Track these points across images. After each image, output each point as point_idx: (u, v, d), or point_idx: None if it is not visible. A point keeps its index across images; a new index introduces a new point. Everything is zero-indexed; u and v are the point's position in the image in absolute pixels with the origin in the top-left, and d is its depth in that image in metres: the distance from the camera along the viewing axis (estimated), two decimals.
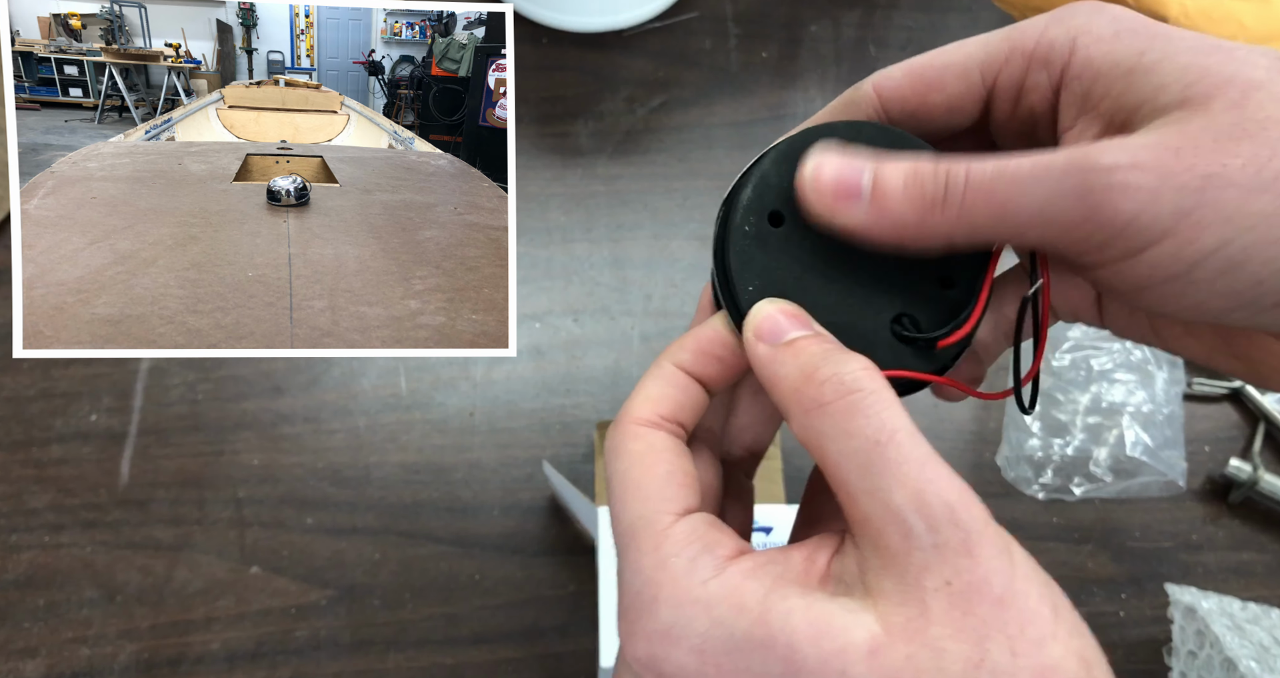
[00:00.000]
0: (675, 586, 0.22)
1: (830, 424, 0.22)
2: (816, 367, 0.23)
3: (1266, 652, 0.45)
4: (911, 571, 0.21)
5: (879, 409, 0.22)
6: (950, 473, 0.21)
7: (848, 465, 0.22)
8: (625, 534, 0.24)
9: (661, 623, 0.22)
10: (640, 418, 0.25)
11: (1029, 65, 0.25)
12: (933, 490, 0.21)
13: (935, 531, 0.21)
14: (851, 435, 0.22)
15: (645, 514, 0.23)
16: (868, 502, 0.21)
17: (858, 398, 0.22)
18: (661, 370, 0.26)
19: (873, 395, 0.22)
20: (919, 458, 0.21)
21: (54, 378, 0.54)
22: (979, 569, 0.21)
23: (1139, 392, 0.54)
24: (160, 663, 0.50)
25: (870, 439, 0.21)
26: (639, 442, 0.25)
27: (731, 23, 0.64)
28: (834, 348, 0.24)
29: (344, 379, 0.55)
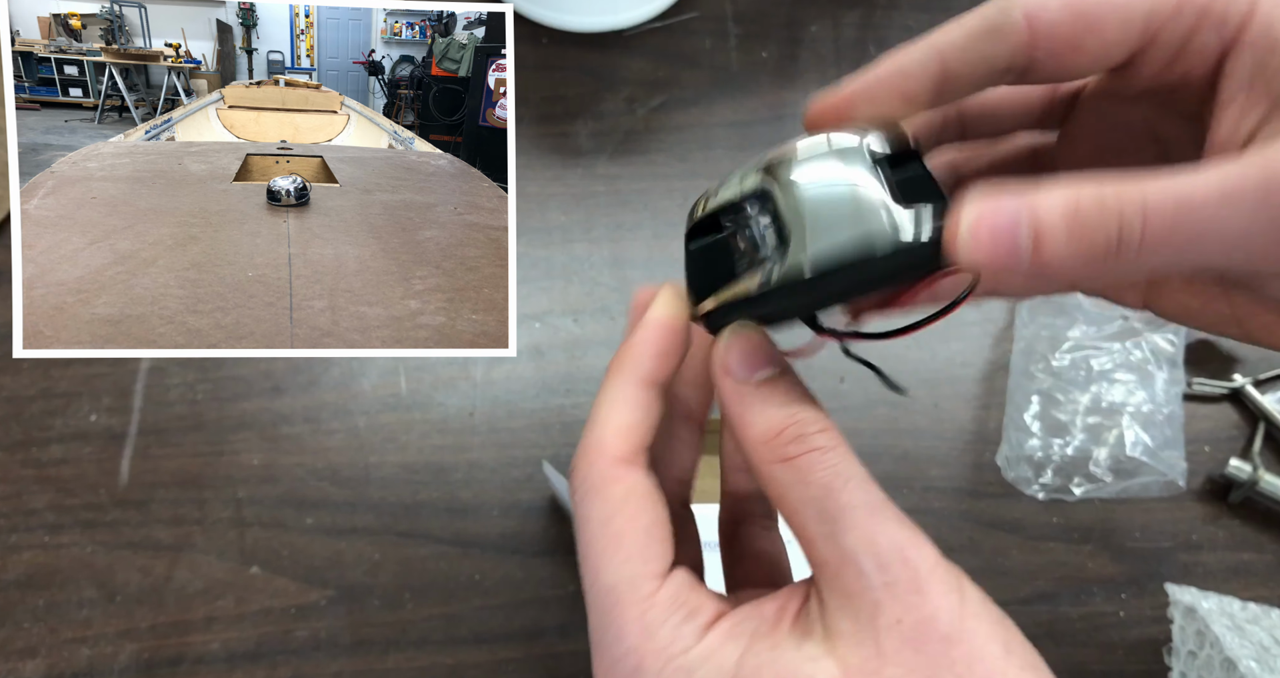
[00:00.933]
0: (659, 655, 0.23)
1: (792, 475, 0.23)
2: (783, 424, 0.23)
3: (1266, 652, 0.45)
4: (865, 610, 0.21)
5: (834, 461, 0.23)
6: (900, 517, 0.22)
7: (806, 512, 0.23)
8: (606, 595, 0.24)
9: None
10: (618, 456, 0.25)
11: (1199, 23, 0.22)
12: (882, 532, 0.22)
13: (885, 570, 0.21)
14: (809, 485, 0.23)
15: (630, 577, 0.24)
16: (824, 546, 0.22)
17: (817, 455, 0.23)
18: (626, 392, 0.25)
19: (831, 452, 0.23)
20: (870, 504, 0.22)
21: (54, 378, 0.54)
22: (927, 606, 0.21)
23: (1139, 392, 0.54)
24: (160, 663, 0.50)
25: (825, 488, 0.22)
26: (618, 486, 0.24)
27: (731, 23, 0.64)
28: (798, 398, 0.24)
29: (344, 379, 0.55)
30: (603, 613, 0.24)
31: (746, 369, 0.24)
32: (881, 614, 0.21)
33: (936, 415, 0.56)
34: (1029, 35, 0.23)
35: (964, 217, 0.21)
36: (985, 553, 0.54)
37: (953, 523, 0.54)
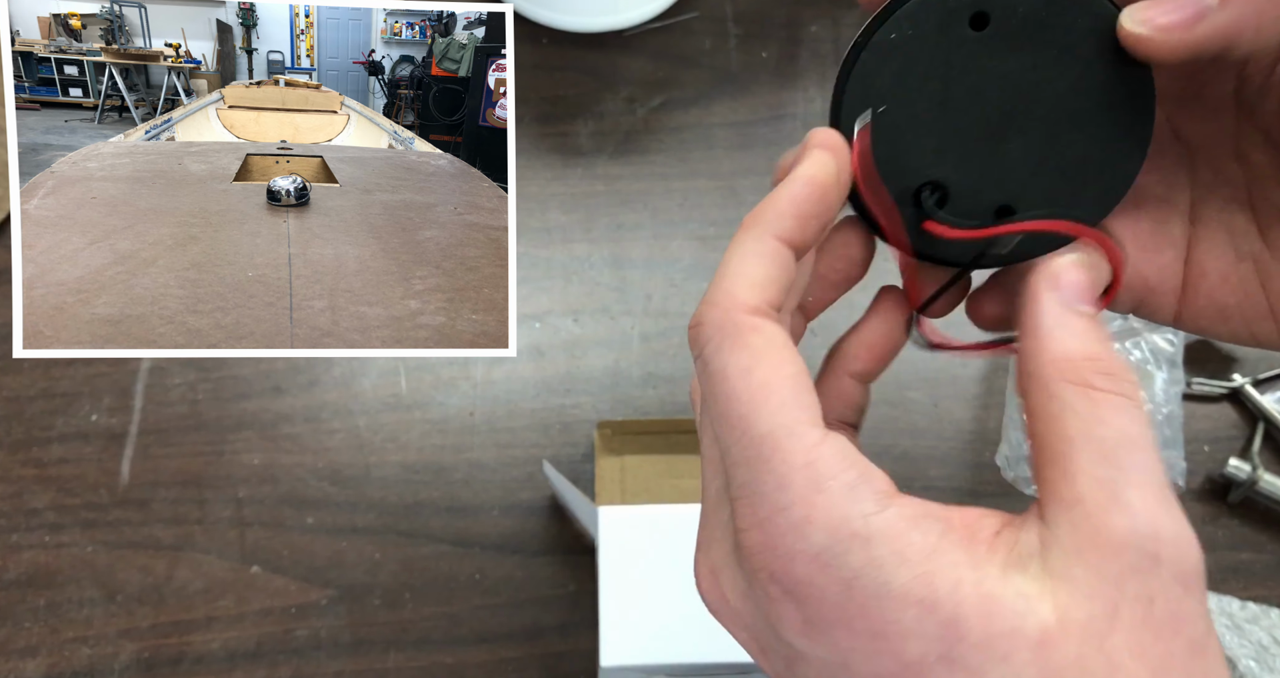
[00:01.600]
0: (832, 511, 0.20)
1: (1088, 406, 0.21)
2: (1102, 353, 0.22)
3: (1265, 651, 0.45)
4: (1115, 567, 0.19)
5: (1138, 418, 0.21)
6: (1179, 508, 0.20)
7: (1085, 446, 0.21)
8: (760, 444, 0.21)
9: (813, 546, 0.20)
10: (750, 305, 0.22)
11: None
12: (1170, 516, 0.20)
13: (1159, 542, 0.19)
14: (1106, 424, 0.21)
15: (786, 424, 0.21)
16: (1093, 486, 0.20)
17: (1125, 400, 0.21)
18: (762, 245, 0.23)
19: (1139, 409, 0.21)
20: (1162, 482, 0.20)
21: (54, 378, 0.54)
22: (1189, 604, 0.19)
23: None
24: (160, 663, 0.50)
25: (1127, 437, 0.20)
26: (757, 335, 0.22)
27: (731, 23, 0.64)
28: (1111, 344, 0.22)
29: (344, 379, 0.55)
30: (759, 463, 0.21)
31: (1076, 296, 0.22)
32: (1133, 583, 0.19)
33: (936, 415, 0.56)
34: None
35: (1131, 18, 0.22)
36: None
37: None
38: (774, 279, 0.23)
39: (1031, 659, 0.19)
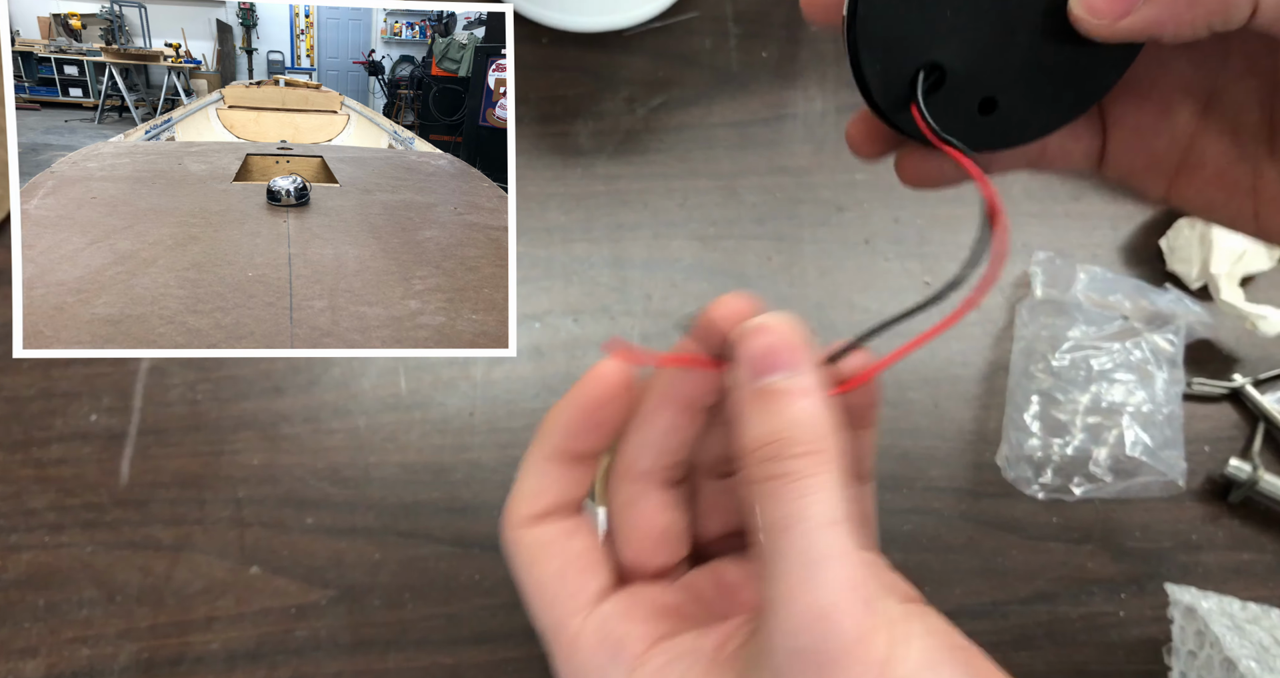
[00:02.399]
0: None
1: (757, 498, 0.21)
2: (765, 435, 0.22)
3: (1266, 652, 0.45)
4: (769, 672, 0.20)
5: (796, 498, 0.21)
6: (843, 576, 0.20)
7: (757, 542, 0.21)
8: (544, 637, 0.25)
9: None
10: (523, 518, 0.25)
11: None
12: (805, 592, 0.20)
13: (794, 636, 0.20)
14: (764, 515, 0.21)
15: (552, 623, 0.24)
16: (767, 583, 0.21)
17: (780, 484, 0.21)
18: (533, 462, 0.25)
19: (798, 484, 0.21)
20: (809, 557, 0.20)
21: (54, 378, 0.54)
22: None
23: (1139, 392, 0.54)
24: (160, 663, 0.50)
25: (775, 524, 0.21)
26: (520, 545, 0.25)
27: (731, 23, 0.64)
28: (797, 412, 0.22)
29: (344, 379, 0.55)
30: (549, 648, 0.25)
31: (756, 370, 0.22)
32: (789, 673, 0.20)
33: (936, 415, 0.56)
34: None
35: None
36: (985, 553, 0.54)
37: (953, 523, 0.54)
38: (545, 489, 0.25)
39: None
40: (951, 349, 0.58)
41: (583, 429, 0.25)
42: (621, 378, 0.25)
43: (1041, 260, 0.57)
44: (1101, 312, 0.55)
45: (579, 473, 0.25)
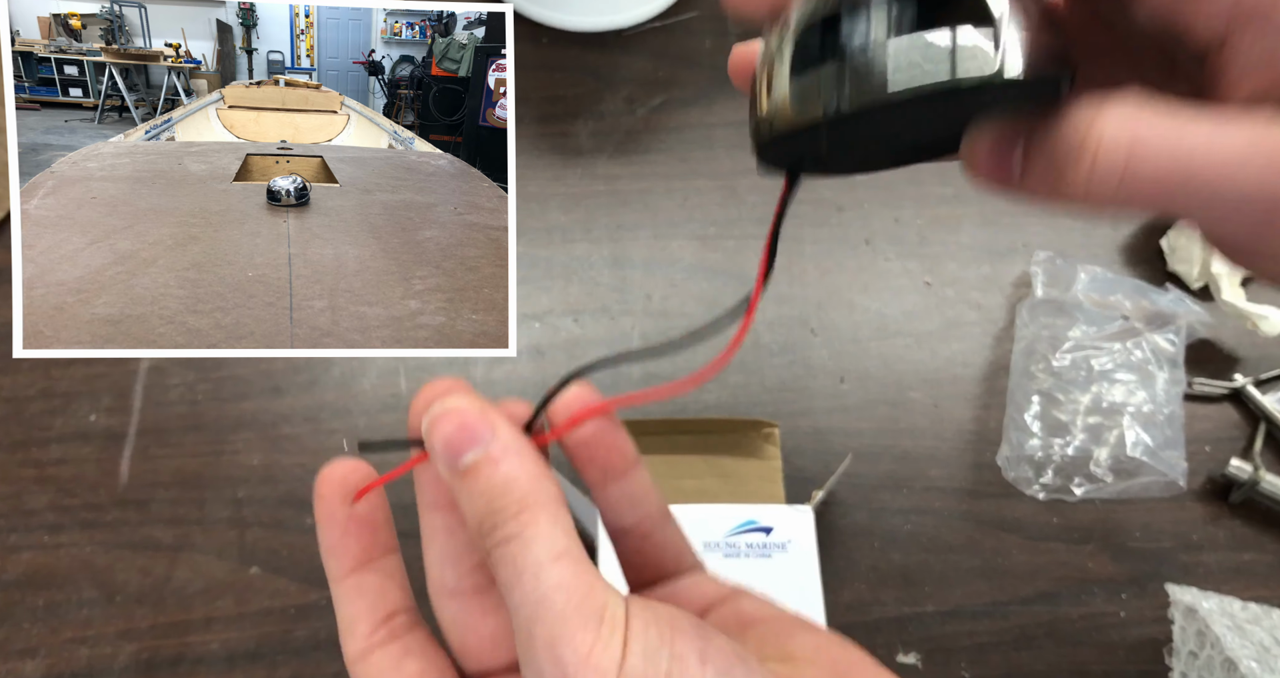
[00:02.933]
0: None
1: (493, 569, 0.22)
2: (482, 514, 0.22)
3: (1267, 652, 0.45)
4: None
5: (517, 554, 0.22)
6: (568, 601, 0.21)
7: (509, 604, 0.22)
8: None
9: None
10: (352, 656, 0.25)
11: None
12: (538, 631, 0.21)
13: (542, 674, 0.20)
14: (500, 581, 0.22)
15: None
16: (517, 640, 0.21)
17: (504, 548, 0.22)
18: (335, 594, 0.26)
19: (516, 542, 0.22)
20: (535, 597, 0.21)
21: (54, 378, 0.54)
22: None
23: (1139, 392, 0.54)
24: (160, 663, 0.50)
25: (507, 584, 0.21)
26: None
27: (731, 23, 0.64)
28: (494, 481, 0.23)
29: (344, 379, 0.55)
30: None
31: (450, 458, 0.23)
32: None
33: (936, 415, 0.56)
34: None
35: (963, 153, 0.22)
36: (985, 553, 0.54)
37: (953, 523, 0.54)
38: (358, 613, 0.26)
39: None
40: (952, 349, 0.58)
41: (344, 547, 0.26)
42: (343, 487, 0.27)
43: (1042, 260, 0.57)
44: (1102, 312, 0.55)
45: (379, 579, 0.26)
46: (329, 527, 0.26)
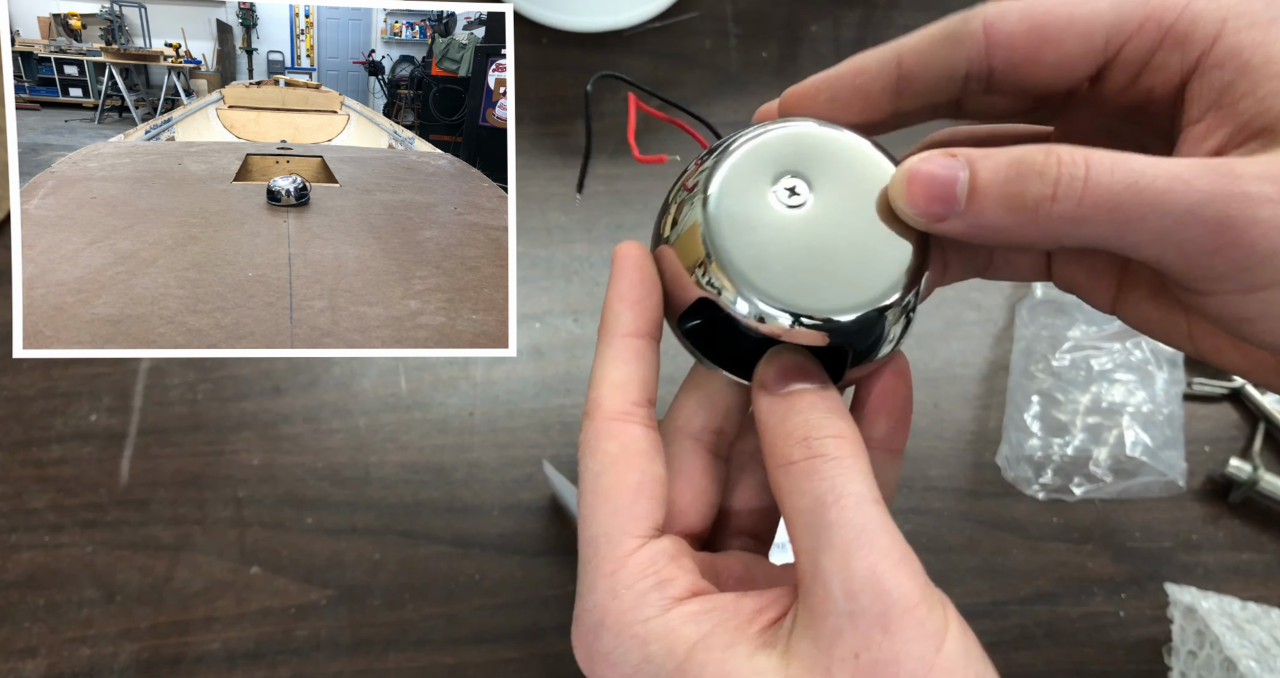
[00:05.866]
0: (621, 617, 0.22)
1: (791, 482, 0.22)
2: (795, 427, 0.23)
3: (1266, 652, 0.45)
4: (825, 636, 0.20)
5: (834, 474, 0.22)
6: (894, 545, 0.21)
7: (797, 522, 0.22)
8: (589, 545, 0.24)
9: (604, 646, 0.23)
10: (613, 412, 0.25)
11: (1163, 41, 0.22)
12: (862, 557, 0.20)
13: (853, 597, 0.20)
14: (804, 494, 0.22)
15: (610, 533, 0.23)
16: (805, 560, 0.21)
17: (819, 462, 0.22)
18: (613, 348, 0.25)
19: (834, 462, 0.22)
20: (859, 524, 0.21)
21: (54, 378, 0.54)
22: (891, 647, 0.20)
23: (1139, 392, 0.54)
24: (160, 663, 0.50)
25: (818, 500, 0.21)
26: (613, 441, 0.24)
27: (731, 23, 0.64)
28: (822, 408, 0.23)
29: (344, 379, 0.55)
30: (583, 564, 0.24)
31: (780, 383, 0.24)
32: (840, 644, 0.20)
33: (936, 416, 0.56)
34: (985, 44, 0.23)
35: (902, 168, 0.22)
36: (985, 553, 0.54)
37: (953, 523, 0.54)
38: (630, 377, 0.25)
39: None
40: (952, 349, 0.58)
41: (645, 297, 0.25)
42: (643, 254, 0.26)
43: None
44: (1102, 312, 0.55)
45: (650, 360, 0.25)
46: (627, 271, 0.25)
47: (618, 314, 0.25)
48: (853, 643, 0.20)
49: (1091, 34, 0.22)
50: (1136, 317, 0.27)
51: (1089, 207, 0.20)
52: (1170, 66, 0.22)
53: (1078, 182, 0.20)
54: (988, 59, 0.23)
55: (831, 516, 0.21)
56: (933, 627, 0.20)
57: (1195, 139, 0.22)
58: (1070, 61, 0.23)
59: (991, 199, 0.21)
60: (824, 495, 0.21)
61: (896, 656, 0.20)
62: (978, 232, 0.22)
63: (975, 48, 0.23)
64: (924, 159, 0.22)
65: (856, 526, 0.21)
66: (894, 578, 0.20)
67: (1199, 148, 0.22)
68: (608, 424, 0.25)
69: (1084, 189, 0.20)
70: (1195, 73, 0.22)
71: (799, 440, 0.22)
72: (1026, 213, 0.21)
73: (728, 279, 0.23)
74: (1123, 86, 0.23)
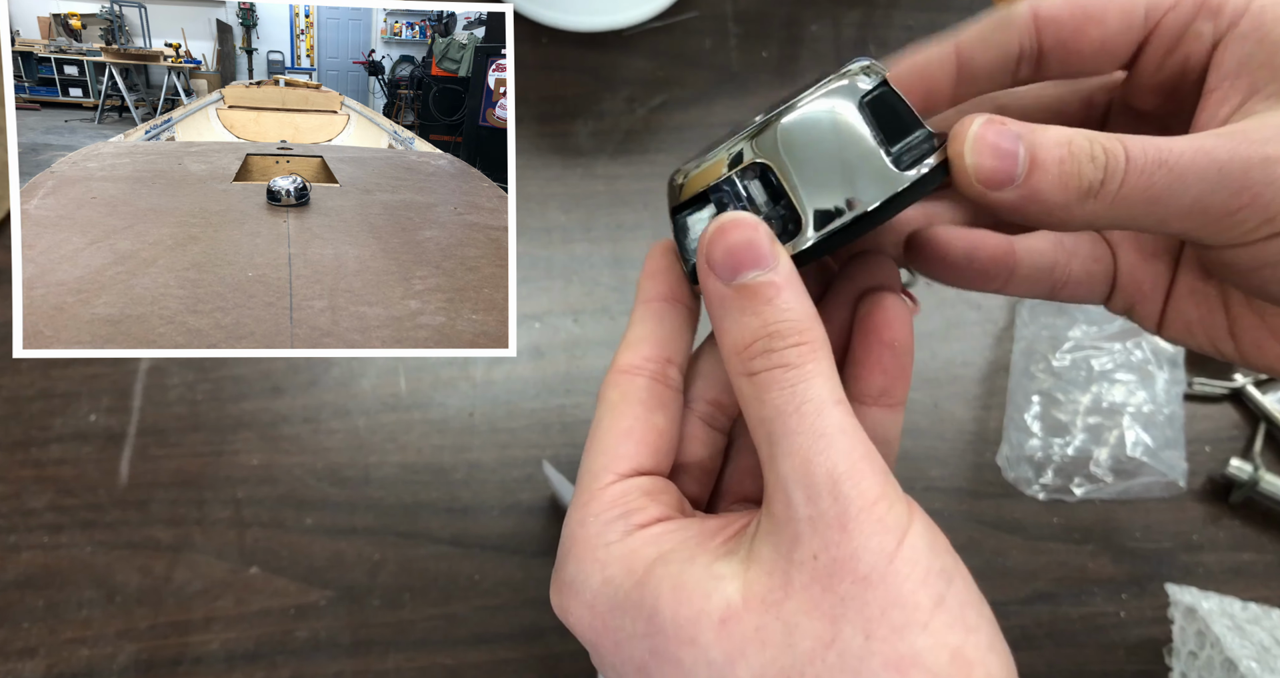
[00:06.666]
0: (584, 545, 0.23)
1: (752, 391, 0.22)
2: (752, 330, 0.22)
3: (1267, 652, 0.45)
4: (785, 540, 0.20)
5: (796, 382, 0.21)
6: (854, 446, 0.21)
7: (759, 432, 0.22)
8: (579, 479, 0.24)
9: (567, 575, 0.23)
10: (623, 365, 0.26)
11: (1198, 12, 0.24)
12: (820, 461, 0.20)
13: (812, 501, 0.20)
14: (765, 404, 0.22)
15: (593, 469, 0.24)
16: (767, 468, 0.22)
17: (779, 372, 0.22)
18: (641, 310, 0.26)
19: (794, 371, 0.21)
20: (818, 430, 0.21)
21: (54, 378, 0.54)
22: (849, 545, 0.20)
23: (1139, 392, 0.54)
24: (160, 663, 0.50)
25: (777, 409, 0.21)
26: (616, 390, 0.25)
27: (731, 22, 0.64)
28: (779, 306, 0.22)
29: (344, 379, 0.55)
30: (573, 496, 0.25)
31: (730, 268, 0.22)
32: (799, 547, 0.20)
33: (936, 416, 0.56)
34: (1035, 25, 0.25)
35: (970, 131, 0.23)
36: (985, 553, 0.54)
37: (953, 523, 0.54)
38: (649, 334, 0.26)
39: (715, 638, 0.20)
40: (952, 349, 0.58)
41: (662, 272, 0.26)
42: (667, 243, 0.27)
43: None
44: (1102, 311, 0.55)
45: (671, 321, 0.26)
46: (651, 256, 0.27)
47: (641, 287, 0.26)
48: (810, 545, 0.20)
49: (1133, 8, 0.24)
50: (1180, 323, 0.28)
51: (1129, 189, 0.21)
52: (1204, 36, 0.24)
53: (1120, 168, 0.21)
54: (1038, 39, 0.25)
55: (791, 423, 0.21)
56: (893, 522, 0.20)
57: (1214, 105, 0.24)
58: (1113, 37, 0.24)
59: (1050, 177, 0.22)
60: (783, 405, 0.21)
61: (855, 551, 0.20)
62: (1026, 205, 0.22)
63: (1025, 29, 0.25)
64: (987, 127, 0.22)
65: (815, 431, 0.21)
66: (851, 479, 0.20)
67: (1216, 115, 0.23)
68: (616, 376, 0.26)
69: (1125, 174, 0.21)
70: (1222, 44, 0.23)
71: (760, 351, 0.22)
72: (1079, 194, 0.22)
73: None
74: (1158, 62, 0.25)
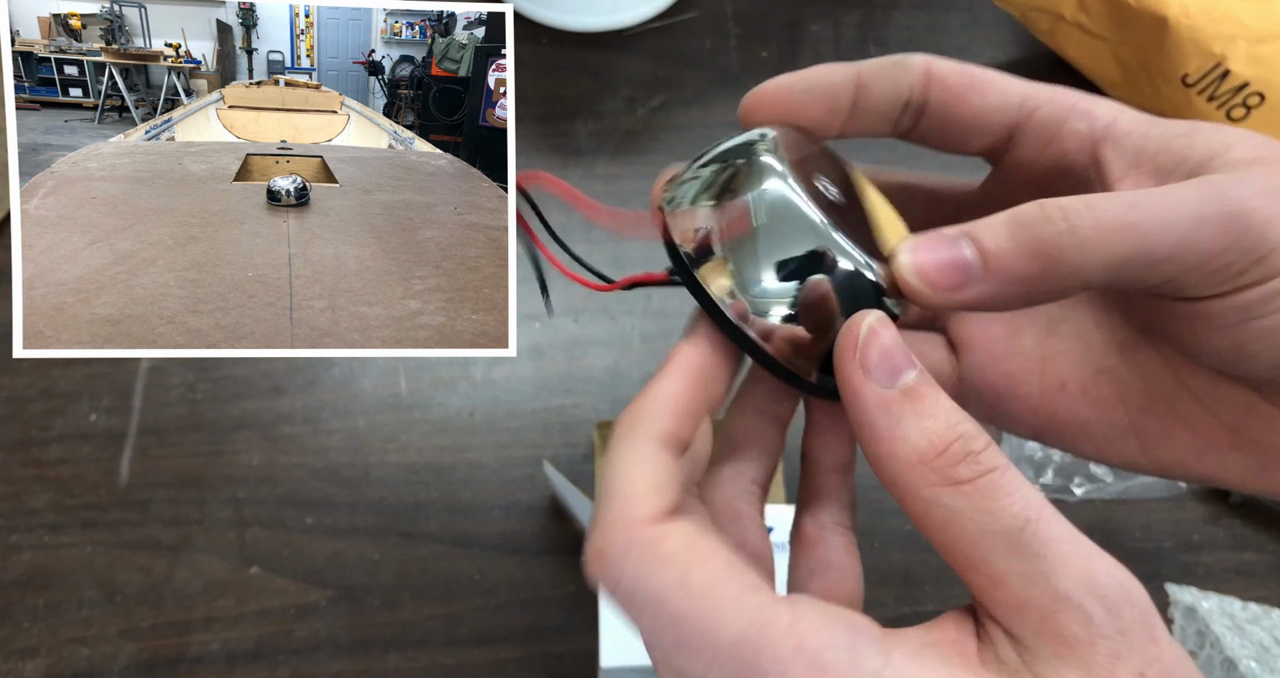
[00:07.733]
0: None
1: (968, 503, 0.20)
2: (945, 438, 0.20)
3: (1267, 652, 0.45)
4: (1099, 662, 0.19)
5: (1019, 486, 0.20)
6: (1102, 550, 0.19)
7: (991, 546, 0.19)
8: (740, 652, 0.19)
9: None
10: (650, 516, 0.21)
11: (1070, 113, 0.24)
12: (1099, 568, 0.19)
13: (1116, 615, 0.19)
14: (996, 514, 0.19)
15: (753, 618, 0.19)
16: (1024, 586, 0.19)
17: (996, 477, 0.20)
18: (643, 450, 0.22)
19: (1010, 472, 0.20)
20: (1073, 536, 0.19)
21: (54, 378, 0.54)
22: (1166, 655, 0.19)
23: None
24: (160, 663, 0.50)
25: (1019, 518, 0.19)
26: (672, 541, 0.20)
27: (731, 23, 0.64)
28: (947, 404, 0.21)
29: (344, 379, 0.55)
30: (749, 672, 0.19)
31: (889, 372, 0.21)
32: (1121, 667, 0.18)
33: None
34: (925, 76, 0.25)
35: (902, 264, 0.22)
36: None
37: None
38: (665, 482, 0.21)
39: None
40: None
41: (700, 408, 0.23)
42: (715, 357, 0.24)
43: None
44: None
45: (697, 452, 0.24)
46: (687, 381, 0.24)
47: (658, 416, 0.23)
48: (1133, 662, 0.19)
49: (1009, 93, 0.25)
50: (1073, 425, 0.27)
51: (1106, 230, 0.20)
52: (1081, 134, 0.24)
53: (1086, 214, 0.21)
54: (925, 90, 0.25)
55: (1045, 531, 0.19)
56: (1153, 616, 0.19)
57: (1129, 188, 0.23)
58: (990, 111, 0.25)
59: (1008, 253, 0.21)
60: (1021, 512, 0.19)
61: (1173, 662, 0.19)
62: (1003, 289, 0.21)
63: (918, 77, 0.25)
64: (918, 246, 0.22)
65: (1071, 537, 0.19)
66: (1134, 583, 0.19)
67: None
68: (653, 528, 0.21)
69: (1095, 218, 0.21)
70: (1107, 142, 0.24)
71: (960, 457, 0.20)
72: (1049, 253, 0.21)
73: None
74: (1041, 147, 0.25)
